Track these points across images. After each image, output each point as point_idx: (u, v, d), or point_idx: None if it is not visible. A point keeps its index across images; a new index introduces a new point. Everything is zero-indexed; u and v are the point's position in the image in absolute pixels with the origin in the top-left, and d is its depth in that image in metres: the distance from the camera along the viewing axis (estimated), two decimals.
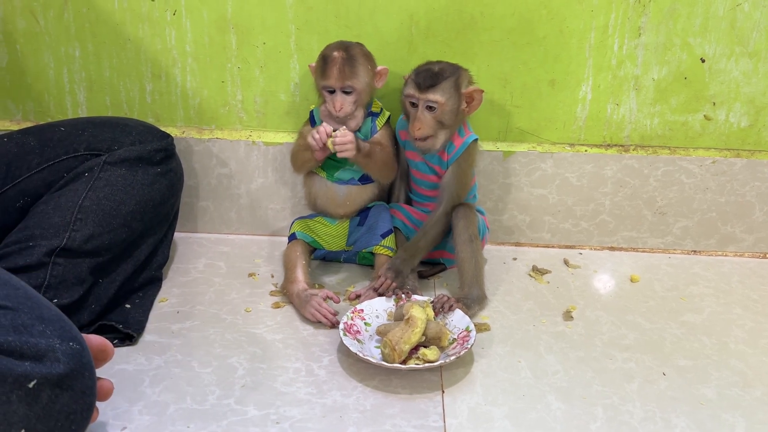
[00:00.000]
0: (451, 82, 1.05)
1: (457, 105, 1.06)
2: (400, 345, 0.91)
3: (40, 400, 0.61)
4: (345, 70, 1.06)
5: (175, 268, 1.18)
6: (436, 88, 1.05)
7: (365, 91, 1.09)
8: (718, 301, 1.14)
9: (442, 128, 1.08)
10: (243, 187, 1.28)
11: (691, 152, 1.24)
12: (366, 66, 1.08)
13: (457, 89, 1.06)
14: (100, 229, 0.98)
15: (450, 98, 1.05)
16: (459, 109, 1.07)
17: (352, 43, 1.10)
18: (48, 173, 1.02)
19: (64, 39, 1.21)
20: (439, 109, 1.05)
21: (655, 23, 1.16)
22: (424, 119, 1.06)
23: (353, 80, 1.07)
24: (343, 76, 1.06)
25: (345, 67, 1.06)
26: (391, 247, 1.14)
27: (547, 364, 0.97)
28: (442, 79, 1.05)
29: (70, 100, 1.26)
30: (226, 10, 1.18)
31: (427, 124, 1.06)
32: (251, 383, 0.91)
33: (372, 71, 1.10)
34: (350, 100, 1.08)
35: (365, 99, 1.11)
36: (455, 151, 1.09)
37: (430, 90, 1.05)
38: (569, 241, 1.29)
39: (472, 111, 1.09)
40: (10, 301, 0.64)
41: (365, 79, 1.08)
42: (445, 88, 1.05)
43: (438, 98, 1.05)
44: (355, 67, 1.07)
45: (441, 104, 1.05)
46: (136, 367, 0.93)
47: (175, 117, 1.26)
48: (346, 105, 1.08)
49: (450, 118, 1.07)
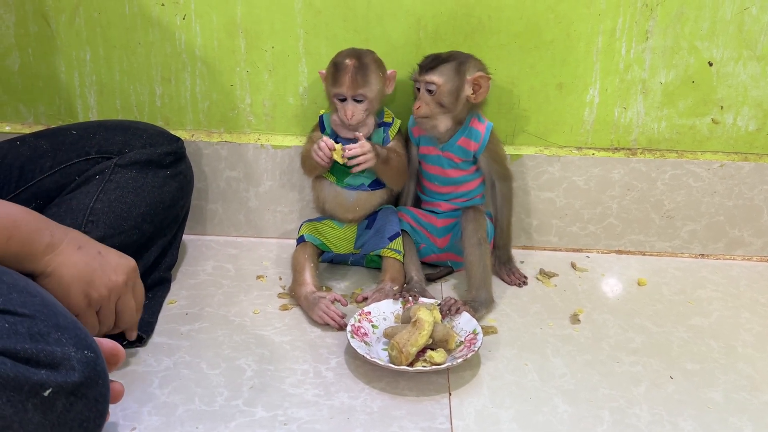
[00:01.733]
0: (453, 65, 1.08)
1: (457, 88, 1.08)
2: (407, 347, 0.92)
3: (55, 409, 0.62)
4: (357, 79, 1.07)
5: (184, 270, 1.19)
6: (435, 70, 1.07)
7: (376, 99, 1.10)
8: (726, 304, 1.14)
9: (442, 111, 1.09)
10: (252, 190, 1.29)
11: (699, 156, 1.24)
12: (377, 73, 1.09)
13: (459, 73, 1.08)
14: (111, 230, 0.99)
15: (449, 81, 1.07)
16: (461, 94, 1.08)
17: (363, 50, 1.11)
18: (60, 176, 1.04)
19: (75, 43, 1.23)
20: (438, 90, 1.07)
21: (662, 27, 1.16)
22: (424, 99, 1.09)
23: (365, 89, 1.07)
24: (355, 85, 1.07)
25: (357, 75, 1.07)
26: (398, 249, 1.14)
27: (554, 367, 0.97)
28: (442, 63, 1.08)
29: (81, 103, 1.27)
30: (235, 15, 1.19)
31: (426, 104, 1.08)
32: (259, 385, 0.91)
33: (383, 78, 1.11)
34: (361, 108, 1.09)
35: (376, 106, 1.12)
36: (482, 138, 1.12)
37: (429, 72, 1.07)
38: (576, 245, 1.29)
39: (479, 98, 1.10)
40: (27, 309, 0.65)
41: (377, 87, 1.09)
42: (444, 70, 1.07)
43: (435, 79, 1.07)
44: (367, 75, 1.07)
45: (439, 86, 1.07)
46: (146, 369, 0.94)
47: (185, 120, 1.27)
48: (358, 113, 1.09)
49: (450, 101, 1.08)
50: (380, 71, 1.10)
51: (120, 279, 0.86)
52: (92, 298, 0.84)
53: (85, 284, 0.83)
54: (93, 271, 0.84)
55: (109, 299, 0.86)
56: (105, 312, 0.87)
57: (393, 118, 1.16)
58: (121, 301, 0.88)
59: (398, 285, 1.11)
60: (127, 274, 0.87)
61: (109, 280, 0.85)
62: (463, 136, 1.12)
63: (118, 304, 0.88)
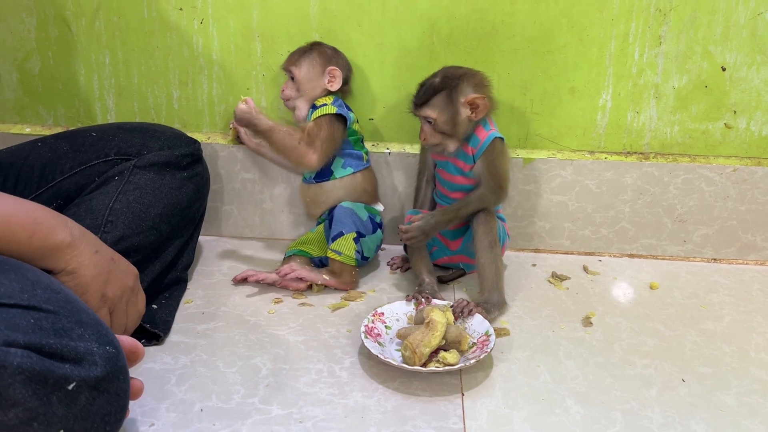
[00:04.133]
0: (443, 96, 1.07)
1: (453, 115, 1.08)
2: (420, 348, 0.93)
3: (78, 402, 0.63)
4: (293, 56, 1.17)
5: (200, 270, 1.21)
6: (427, 104, 1.08)
7: (307, 85, 1.16)
8: (739, 309, 1.14)
9: (446, 137, 1.10)
10: (266, 192, 1.30)
11: (712, 160, 1.24)
12: (312, 60, 1.15)
13: (451, 101, 1.07)
14: (129, 231, 1.01)
15: (442, 112, 1.07)
16: (458, 119, 1.08)
17: (325, 44, 1.19)
18: (80, 177, 1.05)
19: (94, 47, 1.25)
20: (435, 122, 1.08)
21: (675, 32, 1.17)
22: (427, 131, 1.10)
23: (293, 67, 1.16)
24: (288, 60, 1.17)
25: (294, 54, 1.17)
26: (338, 250, 1.13)
27: (567, 369, 0.97)
28: (432, 95, 1.07)
29: (100, 105, 1.29)
30: (251, 19, 1.21)
31: (430, 134, 1.10)
32: (275, 383, 0.93)
33: (318, 66, 1.16)
34: (291, 86, 1.17)
35: (309, 92, 1.16)
36: (480, 144, 1.11)
37: (422, 107, 1.08)
38: (589, 248, 1.30)
39: (480, 116, 1.09)
40: (52, 305, 0.66)
41: (306, 71, 1.15)
42: (435, 103, 1.07)
43: (429, 114, 1.08)
44: (301, 57, 1.16)
45: (434, 119, 1.08)
46: (163, 366, 0.95)
47: (201, 123, 1.29)
48: (287, 89, 1.17)
49: (450, 128, 1.09)
50: (319, 59, 1.16)
51: (130, 283, 0.90)
52: (108, 297, 0.86)
53: (102, 284, 0.85)
54: (109, 273, 0.86)
55: (121, 300, 0.88)
56: (118, 312, 0.89)
57: (326, 105, 1.15)
58: (130, 304, 0.90)
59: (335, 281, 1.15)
60: (134, 280, 0.92)
61: (122, 283, 0.88)
62: (467, 143, 1.12)
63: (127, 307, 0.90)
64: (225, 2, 1.20)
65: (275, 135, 1.11)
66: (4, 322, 0.62)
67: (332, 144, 1.14)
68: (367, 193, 1.21)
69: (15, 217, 0.77)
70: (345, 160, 1.18)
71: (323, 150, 1.13)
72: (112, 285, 0.86)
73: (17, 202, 0.79)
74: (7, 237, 0.76)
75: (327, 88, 1.16)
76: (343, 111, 1.15)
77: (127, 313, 0.91)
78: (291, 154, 1.13)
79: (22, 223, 0.77)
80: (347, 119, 1.15)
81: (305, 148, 1.12)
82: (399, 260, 1.25)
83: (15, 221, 0.76)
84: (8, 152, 1.09)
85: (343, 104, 1.17)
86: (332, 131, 1.14)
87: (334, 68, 1.15)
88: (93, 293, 0.84)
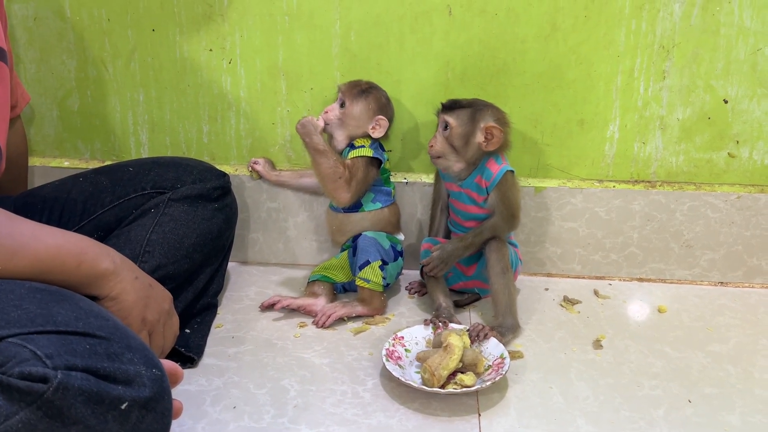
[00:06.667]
0: (469, 111, 1.15)
1: (468, 133, 1.14)
2: (438, 371, 0.98)
3: (130, 420, 0.69)
4: (353, 90, 1.20)
5: (229, 295, 1.28)
6: (452, 111, 1.15)
7: (354, 121, 1.20)
8: (745, 331, 1.18)
9: (453, 152, 1.16)
10: (290, 220, 1.37)
11: (716, 188, 1.29)
12: (368, 103, 1.19)
13: (473, 120, 1.14)
14: (165, 260, 1.07)
15: (462, 124, 1.14)
16: (471, 139, 1.15)
17: (381, 89, 1.23)
18: (119, 210, 1.13)
19: (130, 85, 1.33)
20: (451, 131, 1.15)
21: (678, 67, 1.23)
22: (439, 137, 1.17)
23: (348, 100, 1.19)
24: (348, 91, 1.20)
25: (355, 88, 1.20)
26: (367, 278, 1.18)
27: (578, 390, 1.02)
28: (461, 107, 1.15)
29: (134, 140, 1.37)
30: (277, 59, 1.28)
31: (440, 143, 1.16)
32: (302, 404, 0.98)
33: (370, 111, 1.20)
34: (337, 112, 1.20)
35: (351, 129, 1.21)
36: (493, 177, 1.16)
37: (447, 111, 1.16)
38: (599, 273, 1.35)
39: (491, 147, 1.14)
40: (103, 331, 0.73)
41: (358, 110, 1.19)
42: (459, 114, 1.15)
43: (450, 120, 1.15)
44: (360, 95, 1.19)
45: (452, 126, 1.15)
46: (198, 388, 1.02)
47: (229, 156, 1.36)
48: (332, 111, 1.20)
49: (460, 144, 1.15)
50: (374, 105, 1.20)
51: (166, 307, 0.97)
52: (148, 320, 0.93)
53: (142, 308, 0.92)
54: (148, 298, 0.93)
55: (159, 323, 0.95)
56: (156, 334, 0.95)
57: (364, 146, 1.20)
58: (167, 326, 0.97)
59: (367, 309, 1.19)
60: (170, 304, 0.98)
61: (159, 307, 0.95)
62: (479, 174, 1.18)
63: (164, 329, 0.97)
64: (252, 43, 1.27)
65: (324, 160, 1.16)
66: (64, 348, 0.69)
67: (365, 186, 1.21)
68: (391, 224, 1.26)
69: (64, 248, 0.83)
70: (375, 196, 1.24)
71: (356, 191, 1.19)
72: (151, 309, 0.93)
73: (65, 234, 0.86)
74: (58, 266, 0.82)
75: (369, 133, 1.21)
76: (379, 153, 1.21)
77: (165, 335, 0.97)
78: (329, 184, 1.18)
79: (71, 253, 0.84)
80: (381, 161, 1.22)
81: (343, 184, 1.18)
82: (416, 285, 1.31)
83: (64, 251, 0.83)
84: (52, 187, 1.16)
85: (379, 146, 1.22)
86: (367, 174, 1.20)
87: (382, 118, 1.20)
88: (134, 317, 0.91)
